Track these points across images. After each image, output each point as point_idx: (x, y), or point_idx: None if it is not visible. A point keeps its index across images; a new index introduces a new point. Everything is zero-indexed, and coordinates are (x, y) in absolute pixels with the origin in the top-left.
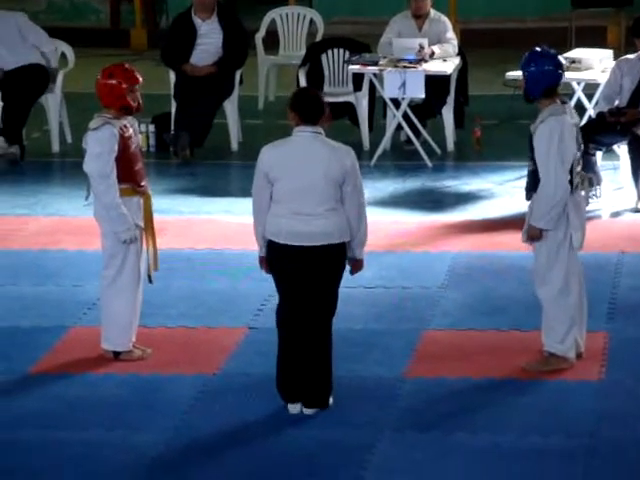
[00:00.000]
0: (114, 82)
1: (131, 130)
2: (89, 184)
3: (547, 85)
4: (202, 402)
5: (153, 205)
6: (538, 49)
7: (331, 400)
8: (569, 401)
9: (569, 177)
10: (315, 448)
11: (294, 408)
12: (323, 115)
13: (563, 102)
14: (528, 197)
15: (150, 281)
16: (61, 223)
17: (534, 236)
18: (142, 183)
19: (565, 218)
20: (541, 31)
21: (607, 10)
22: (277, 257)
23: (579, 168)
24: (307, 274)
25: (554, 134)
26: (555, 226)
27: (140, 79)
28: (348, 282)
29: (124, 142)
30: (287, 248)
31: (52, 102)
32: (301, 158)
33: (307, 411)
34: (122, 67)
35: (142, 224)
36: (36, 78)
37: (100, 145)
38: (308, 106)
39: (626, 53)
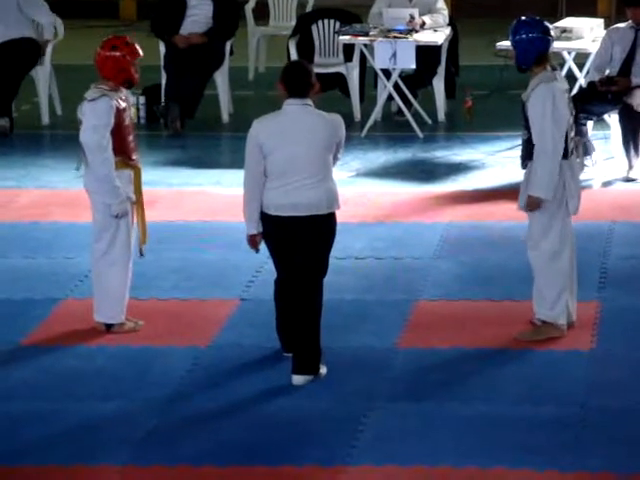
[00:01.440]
0: (118, 54)
1: (125, 103)
2: (81, 155)
3: (537, 52)
4: (195, 374)
5: (143, 177)
6: (524, 18)
7: (324, 370)
8: (560, 370)
9: (564, 144)
10: (308, 418)
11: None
12: (312, 88)
13: (554, 69)
14: (523, 166)
15: (141, 254)
16: (52, 195)
17: (534, 206)
18: (133, 157)
19: (561, 184)
20: (531, 0)
21: None
22: (270, 228)
23: (572, 134)
24: (298, 243)
25: (547, 100)
26: (554, 193)
27: (141, 53)
28: (339, 253)
29: (119, 115)
30: (278, 219)
31: (41, 74)
32: (294, 129)
33: (297, 379)
34: (125, 40)
35: (133, 197)
36: (27, 52)
37: (97, 117)
38: (297, 79)
39: (617, 22)
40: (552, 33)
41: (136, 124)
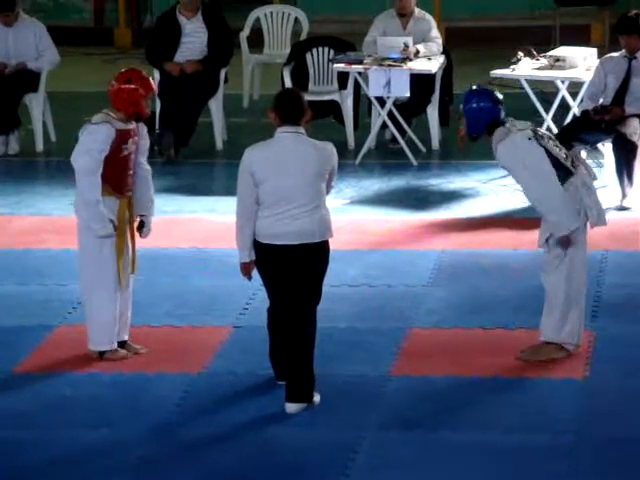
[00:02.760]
0: (132, 87)
1: (135, 137)
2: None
3: (488, 121)
4: (187, 401)
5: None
6: (474, 87)
7: (318, 398)
8: (554, 399)
9: (556, 171)
10: (300, 447)
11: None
12: (304, 116)
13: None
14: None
15: (120, 284)
16: (45, 222)
17: (566, 244)
18: (125, 192)
19: (578, 200)
20: (525, 29)
21: (591, 8)
22: (263, 256)
23: (562, 153)
24: (291, 272)
25: (510, 157)
26: (577, 220)
27: (155, 88)
28: (332, 280)
29: (117, 145)
30: (271, 247)
31: (36, 101)
32: (286, 158)
33: (290, 407)
34: (140, 73)
35: (116, 222)
36: (26, 82)
37: (94, 141)
38: (290, 106)
39: (610, 51)
40: (501, 102)
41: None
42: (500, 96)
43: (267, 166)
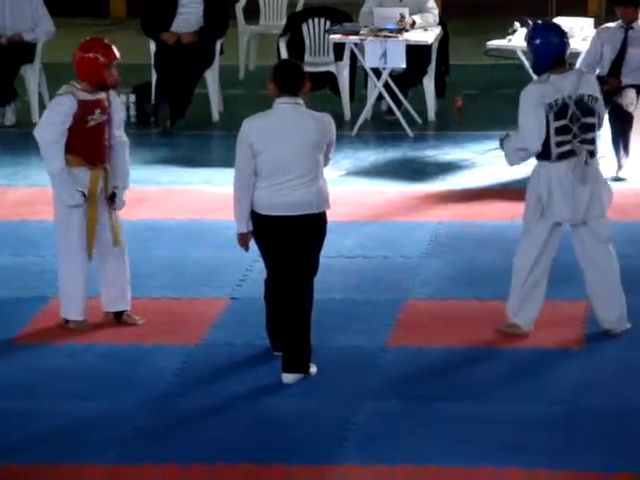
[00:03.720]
0: (91, 56)
1: (105, 108)
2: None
3: (554, 56)
4: (185, 372)
5: (134, 175)
6: (540, 21)
7: (314, 369)
8: (550, 369)
9: (540, 143)
10: (297, 417)
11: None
12: (303, 86)
13: (566, 69)
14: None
15: (89, 257)
16: (40, 194)
17: (501, 145)
18: (97, 163)
19: (544, 188)
20: (522, 0)
21: None
22: (260, 227)
23: (560, 138)
24: (289, 243)
25: (525, 98)
26: (509, 163)
27: (118, 55)
28: (329, 252)
29: (81, 115)
30: (269, 218)
31: (31, 73)
32: (284, 129)
33: (287, 377)
34: (101, 42)
35: (86, 193)
36: (22, 53)
37: (55, 113)
38: (289, 76)
39: (607, 22)
40: (568, 36)
41: (126, 122)
42: (566, 30)
43: (265, 136)
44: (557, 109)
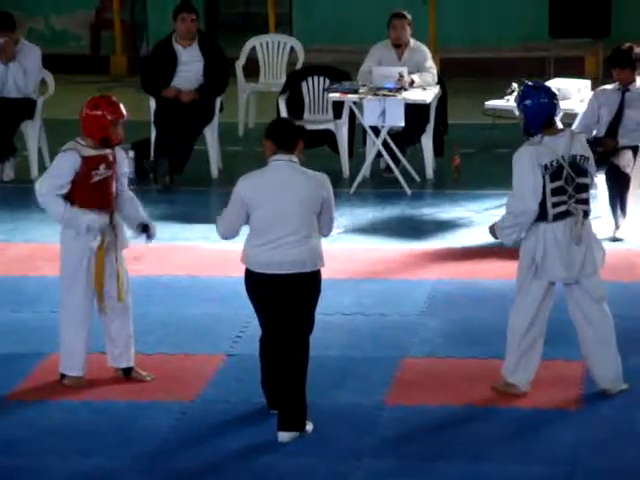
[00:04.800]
0: (98, 113)
1: (111, 163)
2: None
3: (545, 117)
4: (180, 429)
5: (128, 232)
6: (531, 83)
7: (310, 427)
8: (548, 430)
9: (536, 205)
10: (293, 475)
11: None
12: (298, 143)
13: (560, 130)
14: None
15: (102, 311)
16: (39, 249)
17: (492, 232)
18: (108, 210)
19: (540, 248)
20: (520, 61)
21: (585, 40)
22: (254, 285)
23: (556, 199)
24: (282, 301)
25: (520, 160)
26: (508, 241)
27: (125, 114)
28: (326, 309)
29: (86, 171)
30: (262, 277)
31: (31, 128)
32: (277, 186)
33: (283, 436)
34: (108, 99)
35: (94, 247)
36: (23, 109)
37: (57, 168)
38: (283, 133)
39: (604, 83)
40: (557, 98)
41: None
42: (556, 91)
43: (259, 193)
44: (552, 170)
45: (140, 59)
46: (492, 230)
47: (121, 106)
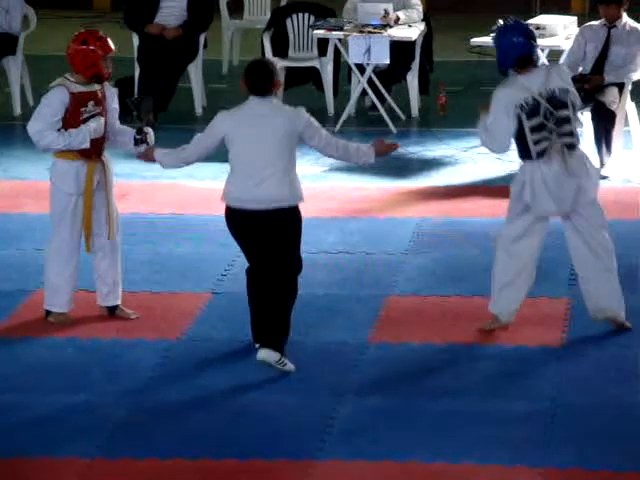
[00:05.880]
0: (88, 48)
1: (100, 99)
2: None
3: (518, 56)
4: (165, 366)
5: (116, 169)
6: (509, 22)
7: (291, 367)
8: (531, 366)
9: (505, 147)
10: (277, 412)
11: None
12: (274, 87)
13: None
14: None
15: (88, 250)
16: (23, 187)
17: (480, 109)
18: (93, 156)
19: (528, 186)
20: None
21: None
22: (234, 220)
23: (536, 136)
24: (263, 237)
25: (495, 101)
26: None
27: (113, 48)
28: (311, 247)
29: (74, 108)
30: (243, 212)
31: (13, 65)
32: (252, 122)
33: (264, 353)
34: (96, 34)
35: (80, 190)
36: (4, 45)
37: (46, 106)
38: (258, 79)
39: (590, 20)
40: (535, 37)
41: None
42: (534, 31)
43: (237, 129)
44: (528, 108)
45: None
46: (481, 113)
47: (109, 40)
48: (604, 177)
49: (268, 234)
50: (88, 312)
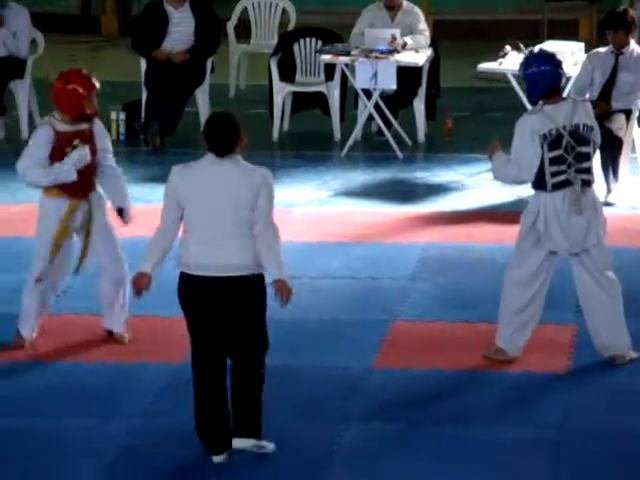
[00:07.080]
0: (70, 88)
1: (87, 138)
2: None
3: (548, 85)
4: (171, 390)
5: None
6: (536, 50)
7: (272, 446)
8: (537, 393)
9: (533, 174)
10: (282, 438)
11: (219, 459)
12: (236, 147)
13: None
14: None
15: (77, 271)
16: (31, 210)
17: (490, 149)
18: (77, 193)
19: (542, 218)
20: (513, 23)
21: (579, 3)
22: (188, 289)
23: (554, 168)
24: (222, 307)
25: (520, 129)
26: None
27: (97, 85)
28: (316, 272)
29: (59, 147)
30: (197, 279)
31: (21, 88)
32: (209, 181)
33: (238, 442)
34: (79, 73)
35: (58, 228)
36: (12, 68)
37: (33, 146)
38: (218, 136)
39: (597, 46)
40: (561, 66)
41: (116, 140)
42: (561, 59)
43: (192, 187)
44: (551, 139)
45: (131, 19)
46: (491, 153)
47: (93, 78)
48: (611, 204)
49: (228, 303)
50: (96, 336)
